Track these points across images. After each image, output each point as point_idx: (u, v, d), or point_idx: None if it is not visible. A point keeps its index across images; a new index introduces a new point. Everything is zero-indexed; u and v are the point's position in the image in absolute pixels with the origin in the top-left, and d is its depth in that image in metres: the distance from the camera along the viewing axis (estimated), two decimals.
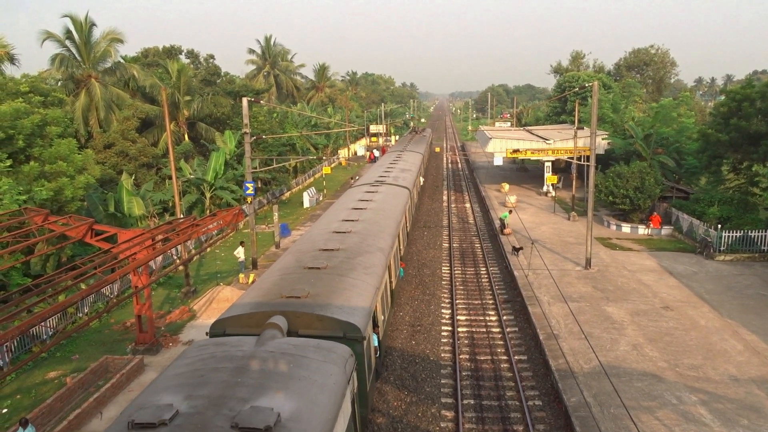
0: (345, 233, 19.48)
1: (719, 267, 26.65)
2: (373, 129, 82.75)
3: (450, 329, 20.87)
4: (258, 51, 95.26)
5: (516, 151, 43.83)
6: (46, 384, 17.34)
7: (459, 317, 21.96)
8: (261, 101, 48.63)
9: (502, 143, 46.12)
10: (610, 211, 37.54)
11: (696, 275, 25.45)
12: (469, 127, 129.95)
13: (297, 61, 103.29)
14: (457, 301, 23.58)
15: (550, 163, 46.56)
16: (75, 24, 43.40)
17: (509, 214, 35.46)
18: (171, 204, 35.46)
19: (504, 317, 21.82)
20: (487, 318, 21.94)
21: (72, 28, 43.46)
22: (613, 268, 26.64)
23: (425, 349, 19.13)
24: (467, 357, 18.67)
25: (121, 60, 51.03)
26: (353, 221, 21.45)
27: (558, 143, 44.74)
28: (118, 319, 22.43)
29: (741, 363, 17.08)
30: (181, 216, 27.16)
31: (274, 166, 42.41)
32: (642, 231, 33.38)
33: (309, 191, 47.60)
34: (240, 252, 27.29)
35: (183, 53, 71.21)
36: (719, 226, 28.09)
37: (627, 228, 34.01)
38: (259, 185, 46.11)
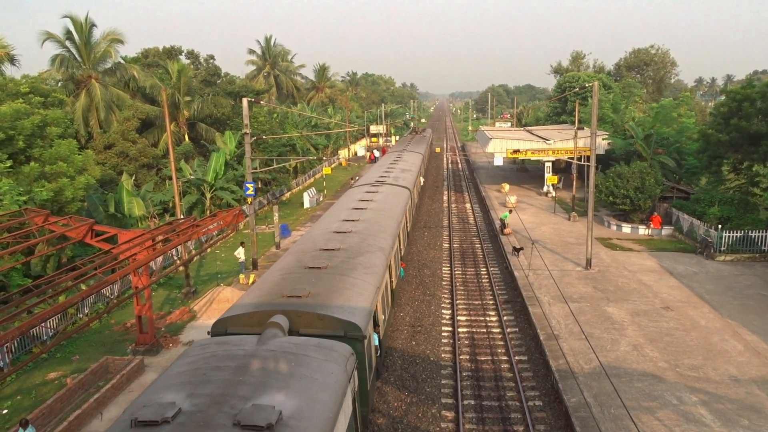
0: (346, 233, 19.51)
1: (720, 267, 26.64)
2: (374, 129, 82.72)
3: (450, 330, 20.86)
4: (258, 51, 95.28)
5: (516, 152, 43.81)
6: (46, 385, 17.35)
7: (459, 318, 21.95)
8: (261, 102, 48.65)
9: (502, 143, 46.13)
10: (610, 212, 37.53)
11: (696, 275, 25.44)
12: (470, 128, 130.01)
13: (297, 62, 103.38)
14: (458, 302, 23.57)
15: (550, 164, 46.55)
16: (75, 24, 43.45)
17: (509, 213, 35.50)
18: (171, 204, 35.47)
19: (504, 318, 21.81)
20: (488, 318, 21.93)
21: (72, 28, 43.51)
22: (614, 268, 26.64)
23: (425, 350, 19.13)
24: (467, 357, 18.66)
25: (122, 60, 51.07)
26: (354, 221, 21.47)
27: (558, 143, 44.74)
28: (118, 320, 22.43)
29: (741, 363, 17.08)
30: (182, 216, 27.17)
31: (274, 166, 42.40)
32: (642, 231, 33.37)
33: (309, 192, 47.60)
34: (240, 252, 27.29)
35: (183, 54, 71.30)
36: (719, 226, 28.08)
37: (627, 228, 34.00)
38: (260, 186, 46.12)
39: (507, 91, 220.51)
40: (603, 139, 43.96)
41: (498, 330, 20.79)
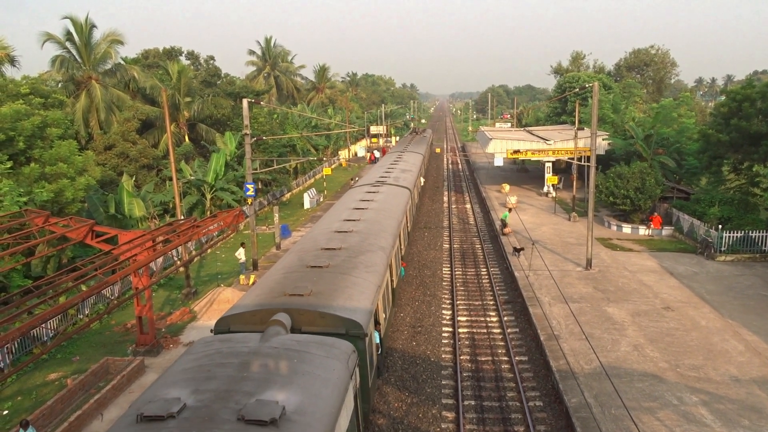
0: (347, 232, 19.56)
1: (720, 267, 26.64)
2: (374, 130, 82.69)
3: (451, 330, 20.86)
4: (258, 52, 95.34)
5: (516, 152, 43.80)
6: (46, 385, 17.35)
7: (460, 318, 21.95)
8: (261, 102, 48.67)
9: (502, 144, 46.14)
10: (610, 212, 37.53)
11: (697, 276, 25.43)
12: (470, 128, 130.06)
13: (297, 62, 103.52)
14: (458, 302, 23.57)
15: (550, 164, 46.56)
16: (75, 26, 43.49)
17: (509, 213, 35.55)
18: (171, 205, 35.49)
19: (505, 318, 21.80)
20: (488, 319, 21.92)
21: (72, 29, 43.57)
22: (614, 268, 26.63)
23: (426, 350, 19.13)
24: (468, 358, 18.66)
25: (122, 61, 51.13)
26: (355, 221, 21.51)
27: (558, 144, 44.75)
28: (118, 321, 22.43)
29: (742, 363, 17.07)
30: (182, 217, 27.18)
31: (274, 167, 42.40)
32: (642, 231, 33.37)
33: (309, 192, 47.63)
34: (241, 253, 27.30)
35: (183, 54, 71.34)
36: (720, 226, 28.08)
37: (627, 228, 34.00)
38: (260, 186, 46.12)
39: (507, 92, 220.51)
40: (603, 140, 43.97)
41: (498, 330, 20.78)
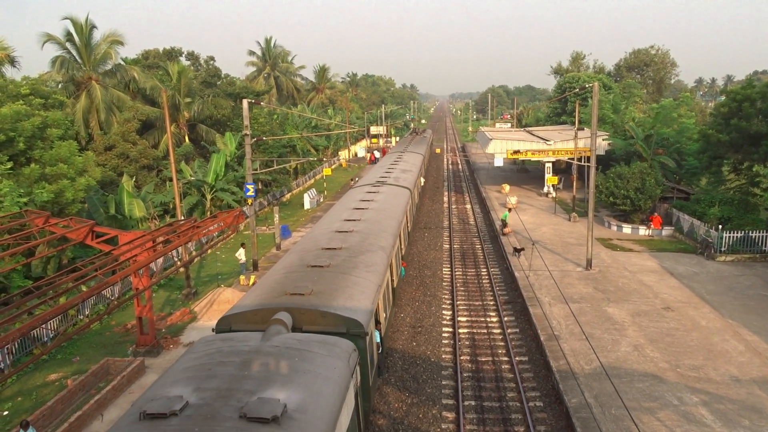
0: (347, 232, 19.59)
1: (720, 267, 26.63)
2: (374, 130, 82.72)
3: (451, 330, 20.85)
4: (258, 53, 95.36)
5: (516, 152, 43.82)
6: (47, 386, 17.35)
7: (460, 318, 21.94)
8: (261, 103, 48.67)
9: (502, 144, 46.14)
10: (610, 212, 37.53)
11: (697, 276, 25.43)
12: (470, 128, 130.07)
13: (297, 63, 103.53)
14: (458, 303, 23.57)
15: (550, 164, 46.56)
16: (75, 26, 43.51)
17: (509, 213, 35.57)
18: (172, 206, 35.49)
19: (505, 318, 21.80)
20: (488, 319, 21.92)
21: (72, 30, 43.60)
22: (614, 268, 26.63)
23: (426, 351, 19.12)
24: (468, 358, 18.66)
25: (122, 62, 51.15)
26: (355, 221, 21.53)
27: (558, 144, 44.75)
28: (118, 321, 22.43)
29: (742, 363, 17.07)
30: (182, 218, 27.17)
31: (274, 167, 42.42)
32: (643, 232, 33.36)
33: (309, 193, 47.63)
34: (241, 253, 27.30)
35: (183, 55, 71.42)
36: (720, 226, 28.08)
37: (628, 229, 33.99)
38: (260, 187, 46.12)
39: (507, 92, 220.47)
40: (603, 140, 43.97)
41: (498, 331, 20.78)
